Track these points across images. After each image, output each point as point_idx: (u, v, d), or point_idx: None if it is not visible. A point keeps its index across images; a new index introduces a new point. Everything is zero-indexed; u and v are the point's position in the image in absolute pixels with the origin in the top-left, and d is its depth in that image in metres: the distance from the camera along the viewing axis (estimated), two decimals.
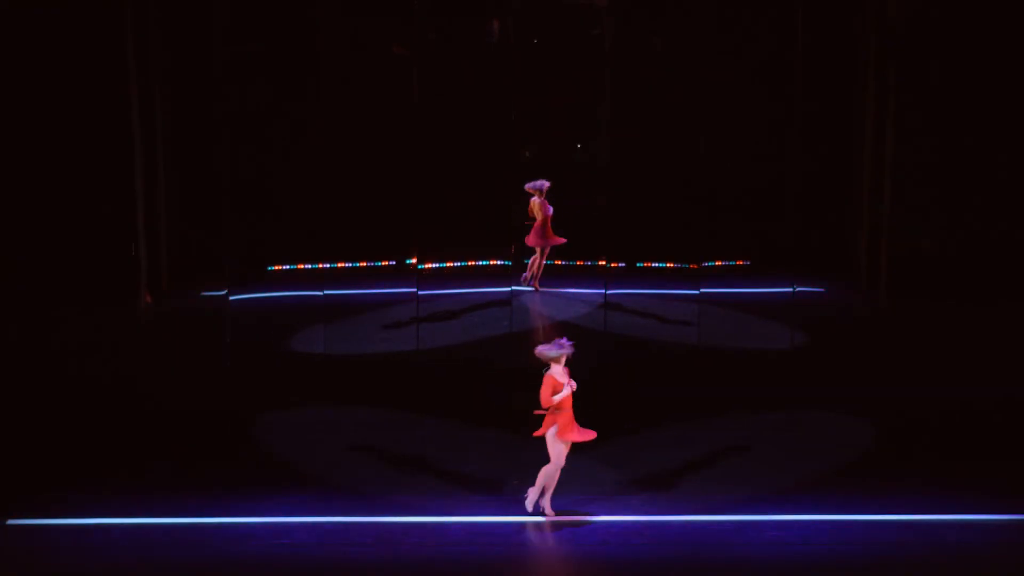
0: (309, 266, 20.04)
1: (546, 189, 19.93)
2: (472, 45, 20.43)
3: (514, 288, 19.91)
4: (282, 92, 19.48)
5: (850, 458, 15.43)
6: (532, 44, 20.26)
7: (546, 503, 13.70)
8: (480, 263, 20.41)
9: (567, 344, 13.60)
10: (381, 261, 20.35)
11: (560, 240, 20.01)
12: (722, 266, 20.22)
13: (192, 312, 19.52)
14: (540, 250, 20.18)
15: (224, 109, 19.04)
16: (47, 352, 18.08)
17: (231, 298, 19.18)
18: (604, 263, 19.97)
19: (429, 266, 20.21)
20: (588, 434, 13.63)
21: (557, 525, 13.52)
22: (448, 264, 20.49)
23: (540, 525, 13.53)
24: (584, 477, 14.00)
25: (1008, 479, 14.61)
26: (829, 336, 18.99)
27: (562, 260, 20.35)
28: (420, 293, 19.60)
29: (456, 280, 20.28)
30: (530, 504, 13.72)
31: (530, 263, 20.27)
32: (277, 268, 20.14)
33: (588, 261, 20.50)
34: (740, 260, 20.30)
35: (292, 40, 19.41)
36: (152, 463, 15.20)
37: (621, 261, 20.16)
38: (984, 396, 17.09)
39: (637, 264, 20.34)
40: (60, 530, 13.47)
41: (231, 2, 19.16)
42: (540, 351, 13.60)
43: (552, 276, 20.39)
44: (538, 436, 13.55)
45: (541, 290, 20.24)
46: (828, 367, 18.12)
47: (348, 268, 20.28)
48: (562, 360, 13.56)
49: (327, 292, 19.68)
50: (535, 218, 19.95)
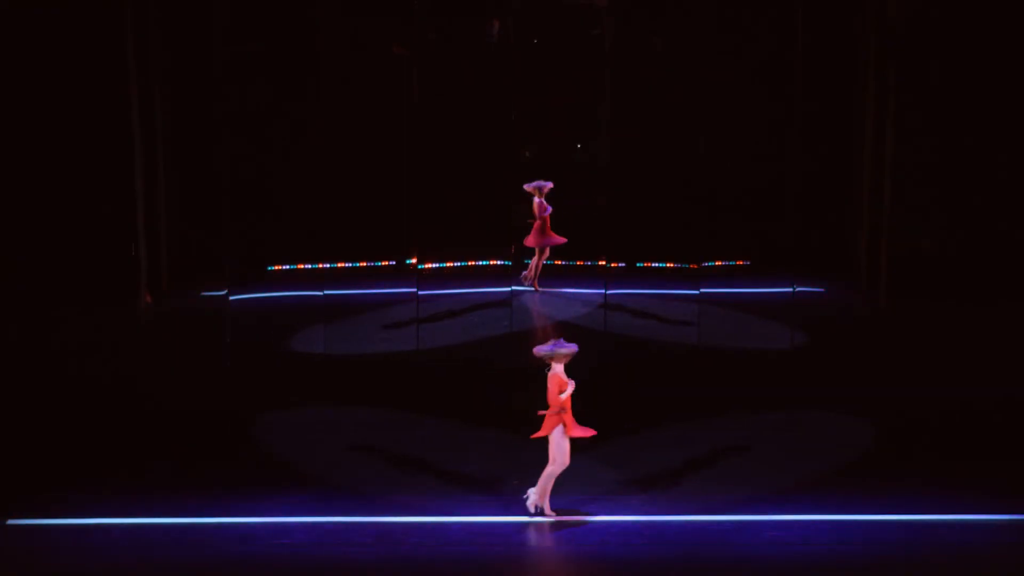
0: (309, 266, 20.03)
1: (546, 189, 19.92)
2: (472, 45, 20.43)
3: (514, 288, 19.90)
4: (282, 92, 19.48)
5: (850, 458, 15.42)
6: (532, 44, 20.25)
7: (546, 504, 13.70)
8: (480, 263, 20.40)
9: (567, 344, 13.59)
10: (381, 261, 20.35)
11: (559, 240, 20.00)
12: (722, 266, 20.22)
13: (192, 312, 19.52)
14: (539, 250, 20.18)
15: (224, 109, 19.04)
16: (47, 352, 18.08)
17: (231, 298, 19.18)
18: (604, 263, 19.96)
19: (429, 266, 20.21)
20: (589, 431, 13.65)
21: (557, 525, 13.52)
22: (448, 264, 20.48)
23: (540, 525, 13.53)
24: (584, 477, 13.99)
25: (1008, 479, 14.61)
26: (829, 336, 18.99)
27: (562, 260, 20.34)
28: (420, 293, 19.60)
29: (456, 280, 20.28)
30: (532, 505, 13.72)
31: (531, 263, 20.29)
32: (277, 268, 20.14)
33: (588, 261, 20.50)
34: (740, 260, 20.30)
35: (292, 40, 19.41)
36: (152, 463, 15.19)
37: (621, 261, 20.15)
38: (984, 396, 17.08)
39: (637, 264, 20.33)
40: (60, 530, 13.46)
41: (231, 2, 19.16)
42: (545, 351, 13.56)
43: (552, 276, 20.39)
44: (540, 437, 13.53)
45: (541, 290, 20.24)
46: (828, 367, 18.12)
47: (348, 268, 20.28)
48: (563, 360, 13.56)
49: (327, 292, 19.68)
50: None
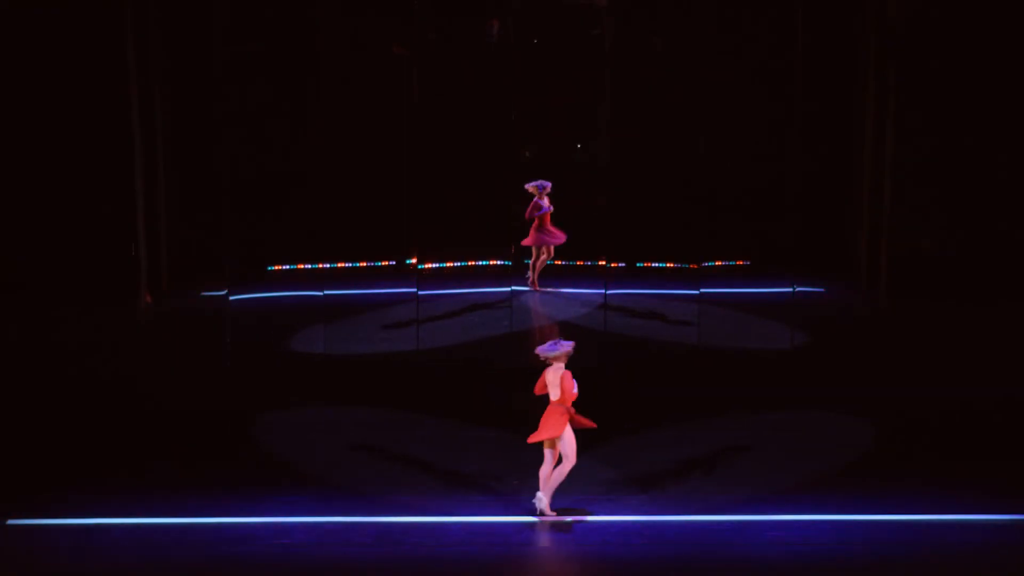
0: (309, 266, 20.04)
1: (544, 189, 19.91)
2: (472, 45, 20.44)
3: (514, 288, 19.90)
4: (282, 92, 19.49)
5: (850, 458, 15.41)
6: (532, 44, 20.26)
7: (546, 504, 13.69)
8: (480, 263, 20.41)
9: (565, 343, 13.59)
10: (381, 261, 20.35)
11: (556, 239, 19.98)
12: (722, 266, 20.22)
13: (192, 312, 19.53)
14: (536, 249, 20.18)
15: (224, 109, 19.04)
16: (47, 352, 18.09)
17: (231, 298, 19.18)
18: (604, 263, 19.97)
19: (429, 266, 20.21)
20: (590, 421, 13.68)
21: (557, 525, 13.52)
22: (448, 264, 20.49)
23: (540, 525, 13.52)
24: (584, 477, 13.98)
25: (1008, 479, 14.60)
26: (829, 336, 18.99)
27: (562, 260, 20.35)
28: (420, 293, 19.60)
29: (456, 280, 20.28)
30: (547, 507, 13.65)
31: (531, 263, 20.29)
32: (277, 268, 20.14)
33: (588, 261, 20.50)
34: (740, 260, 20.30)
35: (292, 40, 19.41)
36: (152, 463, 15.19)
37: (621, 261, 20.15)
38: (984, 396, 17.08)
39: (637, 264, 20.33)
40: (60, 530, 13.46)
41: (231, 2, 19.17)
42: (552, 350, 13.57)
43: (552, 276, 20.39)
44: (553, 438, 13.51)
45: (541, 290, 20.25)
46: (828, 367, 18.12)
47: (348, 268, 20.28)
48: (564, 359, 13.56)
49: (327, 292, 19.68)
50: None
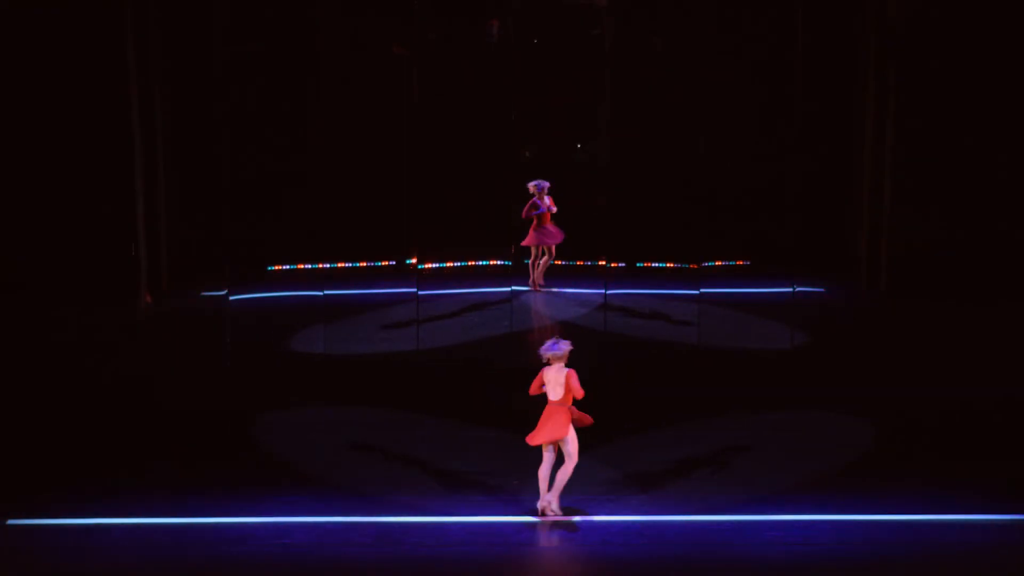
0: (309, 266, 20.04)
1: (543, 189, 19.90)
2: (472, 45, 20.44)
3: (514, 288, 19.90)
4: (282, 92, 19.49)
5: (850, 458, 15.41)
6: (532, 44, 20.26)
7: (557, 505, 13.66)
8: (480, 263, 20.41)
9: (561, 344, 13.59)
10: (381, 261, 20.35)
11: (554, 239, 19.97)
12: (722, 266, 20.22)
13: (192, 312, 19.53)
14: (535, 249, 20.18)
15: (224, 109, 19.04)
16: (47, 352, 18.08)
17: (231, 298, 19.18)
18: (604, 263, 19.96)
19: (429, 266, 20.21)
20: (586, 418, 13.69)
21: (557, 525, 13.52)
22: (448, 264, 20.48)
23: (540, 525, 13.52)
24: (584, 477, 13.98)
25: (1008, 479, 14.60)
26: (829, 336, 18.99)
27: (562, 260, 20.35)
28: (420, 293, 19.60)
29: (456, 280, 20.28)
30: (559, 508, 13.64)
31: (530, 263, 20.29)
32: (277, 268, 20.14)
33: (588, 261, 20.50)
34: (740, 260, 20.30)
35: (292, 40, 19.41)
36: (152, 463, 15.19)
37: (621, 261, 20.15)
38: (984, 396, 17.08)
39: (637, 264, 20.33)
40: (60, 530, 13.45)
41: (231, 2, 19.17)
42: (557, 350, 13.57)
43: (552, 276, 20.39)
44: (559, 439, 13.52)
45: (541, 290, 20.25)
46: (828, 367, 18.12)
47: (348, 268, 20.28)
48: (564, 359, 13.55)
49: (327, 292, 19.68)
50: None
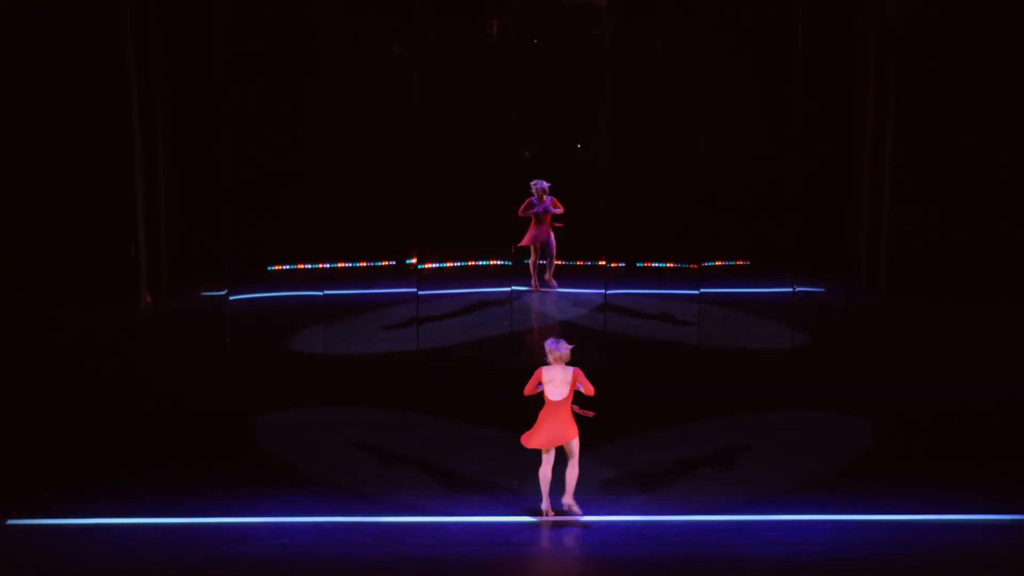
0: (309, 266, 20.03)
1: (540, 189, 19.89)
2: (472, 45, 20.43)
3: (514, 288, 19.90)
4: (282, 92, 19.48)
5: (850, 458, 15.41)
6: (532, 44, 20.25)
7: (547, 504, 13.68)
8: (480, 263, 20.40)
9: (563, 343, 13.60)
10: (381, 261, 20.34)
11: (540, 237, 19.93)
12: (722, 266, 20.21)
13: (192, 312, 19.52)
14: (533, 249, 20.17)
15: (224, 109, 19.04)
16: (47, 352, 18.08)
17: (231, 298, 19.17)
18: (604, 263, 19.96)
19: (429, 266, 20.21)
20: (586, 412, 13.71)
21: (557, 525, 13.52)
22: (448, 264, 20.48)
23: (540, 525, 13.52)
24: (584, 477, 13.97)
25: (1008, 479, 14.60)
26: (829, 336, 18.99)
27: (562, 260, 20.34)
28: (420, 293, 19.59)
29: (456, 280, 20.27)
30: (576, 507, 13.66)
31: (531, 263, 20.28)
32: (277, 268, 20.14)
33: (588, 261, 20.50)
34: (740, 260, 20.30)
35: (292, 40, 19.41)
36: (152, 463, 15.19)
37: (621, 261, 20.15)
38: (984, 396, 17.08)
39: (637, 264, 20.33)
40: (60, 530, 13.45)
41: (231, 2, 19.17)
42: (563, 350, 13.59)
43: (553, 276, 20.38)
44: (571, 440, 13.54)
45: (541, 290, 20.24)
46: (828, 367, 18.11)
47: (348, 268, 20.27)
48: (558, 359, 13.55)
49: (327, 292, 19.68)
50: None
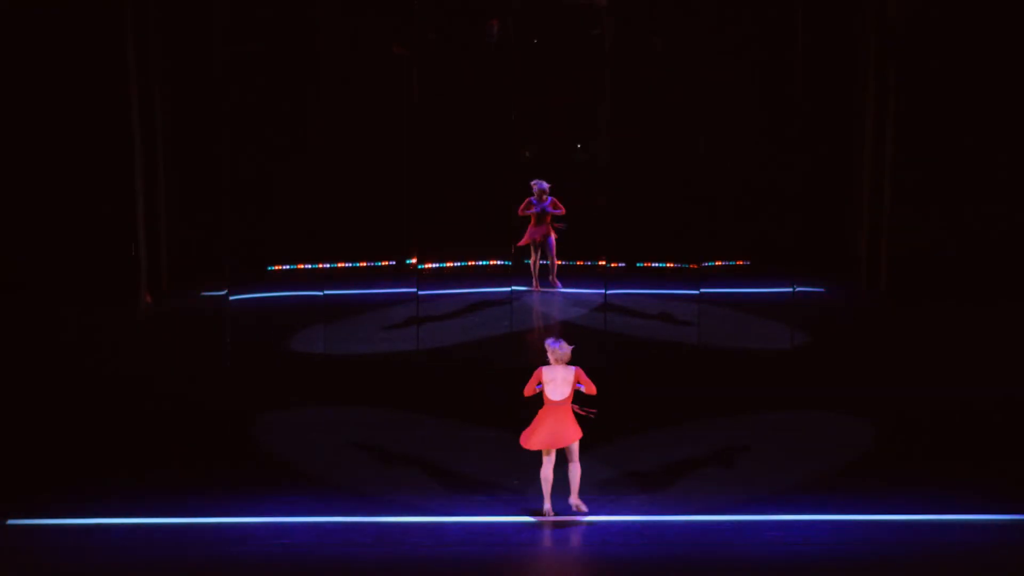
0: (309, 266, 20.03)
1: (539, 189, 19.88)
2: (472, 45, 20.43)
3: (514, 288, 19.90)
4: (282, 92, 19.48)
5: (850, 458, 15.42)
6: (532, 44, 20.25)
7: (549, 505, 13.68)
8: (480, 263, 20.40)
9: (563, 343, 13.60)
10: (381, 261, 20.34)
11: (535, 235, 19.93)
12: (722, 266, 20.21)
13: (192, 312, 19.52)
14: (533, 248, 20.17)
15: (224, 109, 19.04)
16: (47, 352, 18.08)
17: (231, 298, 19.17)
18: (604, 263, 19.96)
19: (429, 266, 20.21)
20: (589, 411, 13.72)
21: (557, 525, 13.52)
22: (448, 264, 20.48)
23: (540, 525, 13.52)
24: (584, 477, 13.97)
25: (1008, 479, 14.61)
26: (829, 336, 18.99)
27: (562, 260, 20.34)
28: (420, 293, 19.59)
29: (456, 280, 20.27)
30: (583, 505, 13.68)
31: (532, 263, 20.28)
32: (277, 268, 20.14)
33: (588, 261, 20.50)
34: (740, 260, 20.30)
35: (292, 40, 19.40)
36: (152, 463, 15.19)
37: (621, 261, 20.15)
38: (984, 396, 17.08)
39: (637, 264, 20.33)
40: (60, 530, 13.46)
41: (231, 2, 19.16)
42: (564, 350, 13.60)
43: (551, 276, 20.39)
44: (578, 440, 13.56)
45: (541, 290, 20.24)
46: (828, 367, 18.12)
47: (348, 268, 20.27)
48: (559, 359, 13.55)
49: (327, 292, 19.68)
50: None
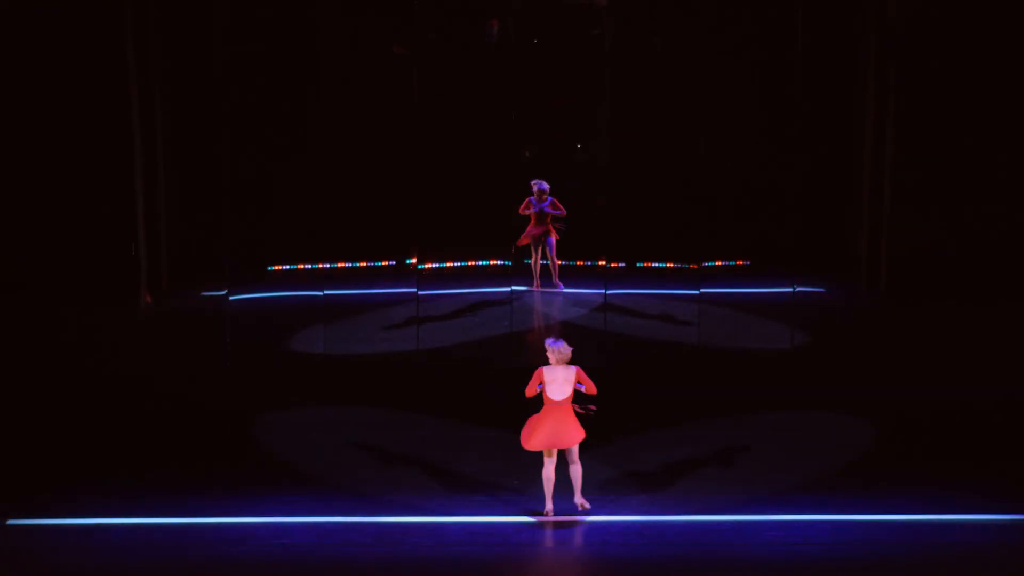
0: (309, 266, 20.03)
1: (538, 189, 19.88)
2: (472, 45, 20.43)
3: (514, 288, 19.90)
4: (282, 92, 19.48)
5: (850, 458, 15.42)
6: (532, 44, 20.25)
7: (550, 506, 13.67)
8: (480, 263, 20.40)
9: (563, 342, 13.61)
10: (381, 261, 20.34)
11: (530, 234, 19.94)
12: (722, 266, 20.21)
13: (192, 312, 19.52)
14: (534, 248, 20.17)
15: (224, 109, 19.04)
16: (47, 352, 18.08)
17: (231, 298, 19.17)
18: (604, 263, 19.96)
19: (429, 266, 20.21)
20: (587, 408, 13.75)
21: (557, 525, 13.52)
22: (448, 264, 20.48)
23: (540, 525, 13.52)
24: (584, 477, 13.97)
25: (1008, 479, 14.61)
26: (829, 336, 18.99)
27: (562, 260, 20.34)
28: (420, 293, 19.60)
29: (456, 280, 20.28)
30: (586, 503, 13.69)
31: (532, 263, 20.28)
32: (277, 268, 20.14)
33: (588, 261, 20.50)
34: (740, 260, 20.30)
35: (292, 40, 19.41)
36: (152, 463, 15.19)
37: (621, 261, 20.15)
38: (984, 396, 17.08)
39: (637, 264, 20.33)
40: (60, 530, 13.46)
41: (231, 2, 19.16)
42: (558, 347, 13.60)
43: (550, 275, 20.38)
44: (582, 440, 13.58)
45: (541, 290, 20.24)
46: (828, 367, 18.12)
47: (348, 268, 20.27)
48: (559, 358, 13.56)
49: (327, 292, 19.68)
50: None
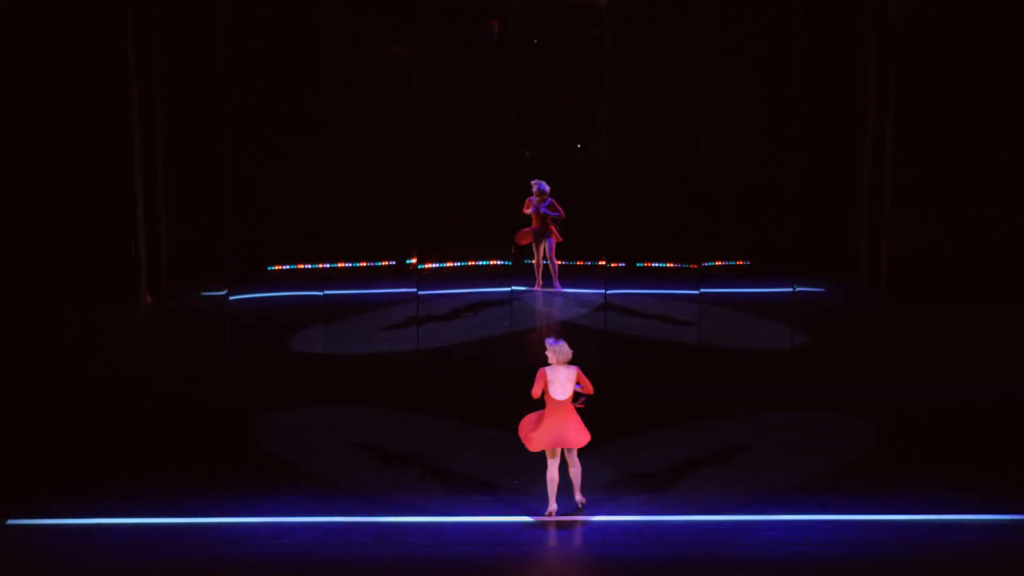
0: (309, 266, 20.04)
1: (537, 190, 19.89)
2: (472, 45, 20.43)
3: (514, 288, 19.90)
4: (282, 92, 19.48)
5: (850, 458, 15.42)
6: (532, 44, 20.26)
7: (554, 506, 13.67)
8: (480, 263, 20.40)
9: (557, 343, 13.60)
10: (381, 261, 20.35)
11: (528, 233, 19.96)
12: (722, 266, 20.22)
13: (192, 312, 19.52)
14: (534, 248, 20.17)
15: (224, 109, 19.04)
16: (47, 352, 18.08)
17: (231, 298, 19.18)
18: (604, 263, 19.96)
19: (429, 266, 20.21)
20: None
21: (557, 525, 13.52)
22: (448, 264, 20.48)
23: (540, 525, 13.52)
24: (584, 477, 13.98)
25: (1008, 479, 14.61)
26: (829, 336, 18.99)
27: (562, 260, 20.34)
28: (420, 293, 19.60)
29: (456, 280, 20.28)
30: (583, 499, 13.72)
31: (534, 263, 20.28)
32: (277, 268, 20.14)
33: (588, 261, 20.50)
34: (740, 260, 20.30)
35: (292, 40, 19.41)
36: (152, 463, 15.19)
37: (621, 261, 20.15)
38: (984, 396, 17.08)
39: (637, 264, 20.33)
40: (60, 530, 13.46)
41: (231, 2, 19.17)
42: (559, 348, 13.60)
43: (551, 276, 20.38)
44: (586, 441, 13.59)
45: (542, 290, 20.24)
46: (828, 367, 18.12)
47: (348, 268, 20.28)
48: (554, 359, 13.55)
49: (327, 292, 19.68)
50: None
